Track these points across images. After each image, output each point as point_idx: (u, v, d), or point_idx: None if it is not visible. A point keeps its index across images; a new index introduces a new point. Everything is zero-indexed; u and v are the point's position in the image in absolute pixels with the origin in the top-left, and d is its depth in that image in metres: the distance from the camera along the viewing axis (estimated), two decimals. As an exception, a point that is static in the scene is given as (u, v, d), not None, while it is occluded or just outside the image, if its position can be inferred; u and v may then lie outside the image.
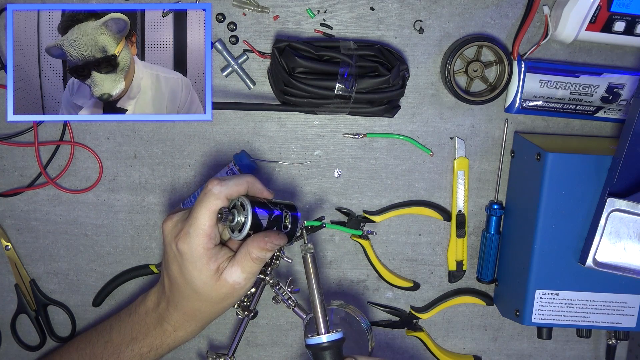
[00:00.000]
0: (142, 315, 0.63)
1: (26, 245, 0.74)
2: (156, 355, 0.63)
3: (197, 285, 0.57)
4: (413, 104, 0.72)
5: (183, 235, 0.56)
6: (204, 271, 0.56)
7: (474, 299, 0.75)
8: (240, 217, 0.56)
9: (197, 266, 0.56)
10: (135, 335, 0.63)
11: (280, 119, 0.71)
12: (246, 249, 0.56)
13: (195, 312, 0.60)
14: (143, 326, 0.63)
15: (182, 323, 0.61)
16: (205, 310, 0.60)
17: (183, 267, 0.57)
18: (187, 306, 0.60)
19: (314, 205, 0.73)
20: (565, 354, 0.79)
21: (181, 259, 0.57)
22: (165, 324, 0.61)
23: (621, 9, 0.65)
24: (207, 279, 0.57)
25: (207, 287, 0.57)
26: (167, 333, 0.62)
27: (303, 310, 0.64)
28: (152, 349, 0.63)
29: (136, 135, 0.71)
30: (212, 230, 0.56)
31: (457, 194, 0.73)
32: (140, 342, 0.63)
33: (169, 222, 0.59)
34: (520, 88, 0.68)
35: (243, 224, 0.56)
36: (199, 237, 0.55)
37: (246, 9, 0.69)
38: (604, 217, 0.62)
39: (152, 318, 0.62)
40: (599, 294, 0.67)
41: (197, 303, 0.59)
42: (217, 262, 0.57)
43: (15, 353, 0.76)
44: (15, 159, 0.71)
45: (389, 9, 0.69)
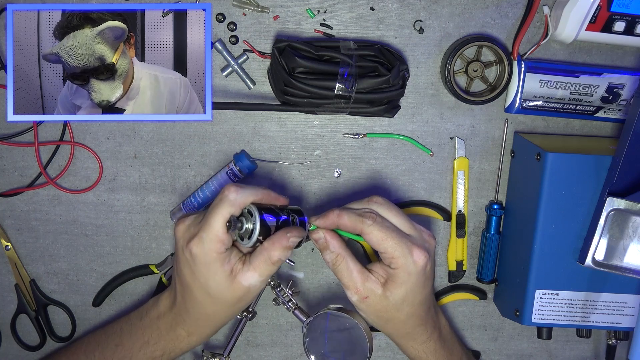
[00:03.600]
0: (154, 319, 0.63)
1: (26, 245, 0.74)
2: (169, 359, 0.63)
3: (211, 288, 0.57)
4: (413, 104, 0.72)
5: (197, 240, 0.56)
6: (219, 273, 0.56)
7: (467, 294, 0.75)
8: (248, 224, 0.57)
9: (210, 269, 0.56)
10: (147, 340, 0.63)
11: (280, 119, 0.71)
12: (266, 254, 0.56)
13: (209, 316, 0.60)
14: (155, 330, 0.62)
15: (196, 328, 0.61)
16: (219, 313, 0.60)
17: (196, 271, 0.57)
18: (201, 311, 0.59)
19: (314, 205, 0.73)
20: (565, 354, 0.79)
21: (194, 263, 0.57)
22: (179, 329, 0.61)
23: (621, 9, 0.65)
24: (221, 281, 0.56)
25: (222, 289, 0.57)
26: (181, 338, 0.62)
27: (303, 313, 0.64)
28: (165, 352, 0.63)
29: (136, 135, 0.71)
30: (226, 237, 0.56)
31: (457, 194, 0.73)
32: (153, 347, 0.62)
33: (181, 225, 0.58)
34: (520, 88, 0.68)
35: (252, 231, 0.56)
36: (212, 243, 0.55)
37: (246, 9, 0.69)
38: (603, 217, 0.62)
39: (165, 323, 0.62)
40: (599, 294, 0.67)
41: (211, 307, 0.59)
42: (230, 264, 0.57)
43: (15, 353, 0.76)
44: (15, 159, 0.71)
45: (389, 9, 0.69)
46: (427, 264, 0.58)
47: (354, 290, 0.59)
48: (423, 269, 0.58)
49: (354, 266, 0.59)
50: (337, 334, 0.62)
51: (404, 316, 0.60)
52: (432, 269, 0.60)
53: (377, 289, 0.58)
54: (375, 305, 0.59)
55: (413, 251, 0.58)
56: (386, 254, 0.58)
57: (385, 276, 0.59)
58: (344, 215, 0.59)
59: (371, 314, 0.60)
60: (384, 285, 0.58)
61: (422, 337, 0.62)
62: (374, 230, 0.57)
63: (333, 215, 0.59)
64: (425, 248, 0.59)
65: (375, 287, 0.58)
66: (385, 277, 0.59)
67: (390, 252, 0.58)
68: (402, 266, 0.57)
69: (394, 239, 0.58)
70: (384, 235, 0.57)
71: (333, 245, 0.59)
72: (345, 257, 0.59)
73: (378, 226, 0.58)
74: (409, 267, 0.57)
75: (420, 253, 0.58)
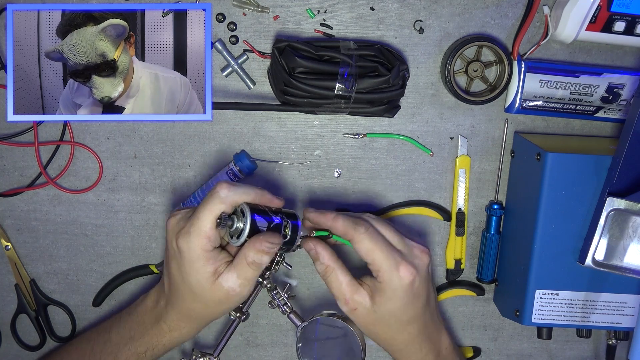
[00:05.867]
0: (141, 314, 0.63)
1: (26, 245, 0.74)
2: (152, 356, 0.63)
3: (193, 285, 0.57)
4: (413, 104, 0.72)
5: (184, 234, 0.56)
6: (201, 272, 0.56)
7: (465, 291, 0.75)
8: (239, 223, 0.56)
9: (194, 266, 0.56)
10: (133, 335, 0.63)
11: (280, 119, 0.71)
12: (242, 254, 0.56)
13: (190, 312, 0.60)
14: (141, 325, 0.63)
15: (177, 322, 0.61)
16: (199, 311, 0.60)
17: (181, 266, 0.57)
18: (183, 305, 0.60)
19: (313, 206, 0.73)
20: (565, 354, 0.79)
21: (180, 257, 0.57)
22: (162, 322, 0.61)
23: (621, 9, 0.65)
24: (203, 281, 0.56)
25: (203, 288, 0.57)
26: (163, 332, 0.62)
27: (298, 318, 0.63)
28: (149, 348, 0.63)
29: (136, 135, 0.71)
30: (213, 233, 0.56)
31: (458, 192, 0.73)
32: (138, 342, 0.63)
33: (172, 219, 0.59)
34: (520, 88, 0.68)
35: (241, 231, 0.56)
36: (199, 238, 0.55)
37: (246, 9, 0.69)
38: (603, 217, 0.62)
39: (150, 317, 0.62)
40: (599, 294, 0.67)
41: (192, 303, 0.59)
42: (215, 265, 0.56)
43: (15, 353, 0.76)
44: (15, 159, 0.71)
45: (389, 9, 0.69)
46: (414, 281, 0.57)
47: (343, 301, 0.59)
48: (410, 286, 0.57)
49: (344, 278, 0.58)
50: (330, 339, 0.62)
51: (393, 332, 0.60)
52: (423, 286, 0.59)
53: (365, 302, 0.58)
54: (364, 317, 0.59)
55: (400, 267, 0.57)
56: (373, 266, 0.57)
57: (373, 289, 0.58)
58: (339, 219, 0.58)
59: (361, 326, 0.60)
60: (372, 298, 0.58)
61: (415, 355, 0.62)
62: (364, 239, 0.57)
63: (329, 216, 0.59)
64: (413, 265, 0.58)
65: (364, 300, 0.58)
66: (373, 290, 0.58)
67: (377, 264, 0.57)
68: (387, 281, 0.57)
69: (382, 252, 0.57)
70: (373, 246, 0.57)
71: (323, 257, 0.59)
72: (334, 269, 0.59)
73: (369, 236, 0.57)
74: (394, 282, 0.57)
75: (407, 270, 0.57)
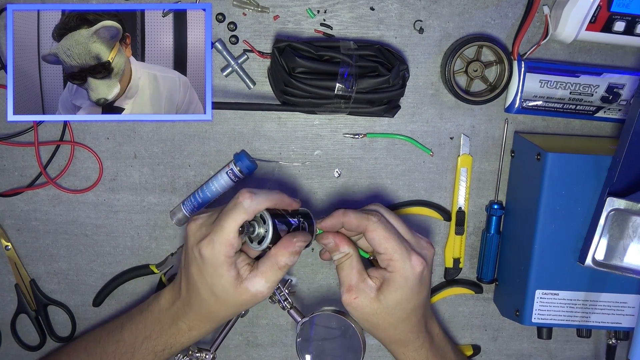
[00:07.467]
0: (155, 313, 0.63)
1: (26, 245, 0.74)
2: (169, 354, 0.64)
3: (217, 290, 0.58)
4: (413, 104, 0.72)
5: (207, 242, 0.56)
6: (225, 277, 0.57)
7: (463, 289, 0.75)
8: (260, 229, 0.57)
9: (217, 272, 0.57)
10: (149, 334, 0.63)
11: (280, 119, 0.71)
12: (273, 260, 0.57)
13: (211, 314, 0.60)
14: (157, 325, 0.63)
15: (197, 323, 0.62)
16: (221, 313, 0.61)
17: (204, 271, 0.57)
18: (204, 308, 0.60)
19: (314, 206, 0.73)
20: (565, 354, 0.79)
21: (202, 263, 0.57)
22: (181, 322, 0.62)
23: (621, 9, 0.65)
24: (227, 285, 0.57)
25: (227, 293, 0.58)
26: (182, 332, 0.62)
27: (298, 313, 0.64)
28: (167, 347, 0.63)
29: (136, 135, 0.71)
30: (236, 241, 0.56)
31: (459, 191, 0.73)
32: (155, 341, 0.63)
33: (193, 224, 0.59)
34: (520, 88, 0.68)
35: (263, 237, 0.57)
36: (223, 246, 0.56)
37: (246, 9, 0.69)
38: (603, 217, 0.62)
39: (167, 317, 0.63)
40: (599, 294, 0.67)
41: (214, 306, 0.59)
42: (237, 268, 0.57)
43: (15, 353, 0.76)
44: (15, 159, 0.71)
45: (389, 9, 0.69)
46: (423, 270, 0.59)
47: (347, 286, 0.60)
48: (419, 275, 0.59)
49: (357, 265, 0.60)
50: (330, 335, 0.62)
51: (395, 321, 0.60)
52: (428, 277, 0.61)
53: (369, 292, 0.59)
54: (363, 307, 0.59)
55: (412, 256, 0.59)
56: (385, 255, 0.59)
57: (381, 280, 0.59)
58: (349, 213, 0.60)
59: (361, 317, 0.61)
60: (379, 289, 0.59)
61: (414, 344, 0.63)
62: (378, 227, 0.58)
63: (338, 214, 0.60)
64: (422, 255, 0.60)
65: (369, 290, 0.59)
66: (381, 281, 0.59)
67: (390, 253, 0.58)
68: (399, 270, 0.58)
69: (395, 241, 0.58)
70: (387, 235, 0.58)
71: (343, 246, 0.60)
72: (352, 256, 0.60)
73: (383, 225, 0.59)
74: (406, 271, 0.58)
75: (418, 259, 0.59)
